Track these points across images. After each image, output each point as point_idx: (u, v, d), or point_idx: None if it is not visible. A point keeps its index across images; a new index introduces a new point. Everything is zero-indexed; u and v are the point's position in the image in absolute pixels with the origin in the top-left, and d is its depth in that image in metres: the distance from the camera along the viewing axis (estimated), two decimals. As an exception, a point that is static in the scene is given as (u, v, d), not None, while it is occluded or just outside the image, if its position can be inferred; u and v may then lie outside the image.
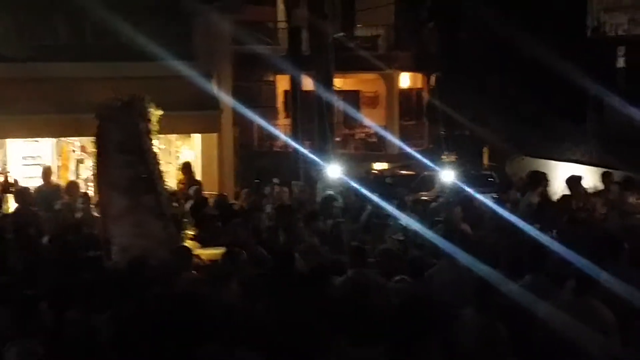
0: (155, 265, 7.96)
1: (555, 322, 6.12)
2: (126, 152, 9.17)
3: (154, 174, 9.28)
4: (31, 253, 8.69)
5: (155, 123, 9.44)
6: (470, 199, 11.93)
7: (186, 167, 14.57)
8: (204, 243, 9.58)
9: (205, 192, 13.88)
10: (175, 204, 9.87)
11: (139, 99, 9.35)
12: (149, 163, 9.28)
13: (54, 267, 8.20)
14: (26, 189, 12.42)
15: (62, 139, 15.68)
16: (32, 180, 14.14)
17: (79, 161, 15.85)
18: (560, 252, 7.49)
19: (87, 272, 7.60)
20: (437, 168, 14.34)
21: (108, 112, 9.34)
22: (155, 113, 9.45)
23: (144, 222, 9.04)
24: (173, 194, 11.27)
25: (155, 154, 9.50)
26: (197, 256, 8.88)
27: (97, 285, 7.06)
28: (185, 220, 9.57)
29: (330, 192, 12.33)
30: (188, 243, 9.32)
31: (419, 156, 17.90)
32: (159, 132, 9.63)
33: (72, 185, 12.73)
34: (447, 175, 13.71)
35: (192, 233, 9.55)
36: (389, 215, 10.67)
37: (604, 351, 5.91)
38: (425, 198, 12.53)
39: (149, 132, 9.37)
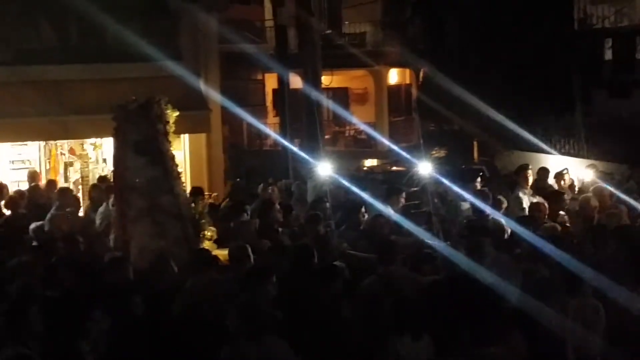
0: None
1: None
2: (143, 153, 9.25)
3: (171, 175, 9.39)
4: (48, 255, 8.58)
5: (172, 124, 9.53)
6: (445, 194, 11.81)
7: None
8: (220, 243, 9.58)
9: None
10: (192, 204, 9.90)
11: (156, 101, 9.43)
12: (167, 164, 9.39)
13: (74, 270, 8.10)
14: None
15: (51, 142, 15.62)
16: (20, 184, 14.08)
17: (68, 164, 15.79)
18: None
19: (111, 275, 7.63)
20: (426, 164, 14.17)
21: (125, 113, 9.41)
22: (172, 114, 9.53)
23: (162, 223, 9.14)
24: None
25: (172, 155, 9.61)
26: (216, 257, 8.89)
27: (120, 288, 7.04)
28: (203, 221, 9.56)
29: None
30: (206, 244, 9.36)
31: (405, 153, 17.77)
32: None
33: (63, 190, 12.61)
34: (425, 169, 12.63)
35: (210, 234, 9.56)
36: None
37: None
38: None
39: (166, 133, 9.47)
